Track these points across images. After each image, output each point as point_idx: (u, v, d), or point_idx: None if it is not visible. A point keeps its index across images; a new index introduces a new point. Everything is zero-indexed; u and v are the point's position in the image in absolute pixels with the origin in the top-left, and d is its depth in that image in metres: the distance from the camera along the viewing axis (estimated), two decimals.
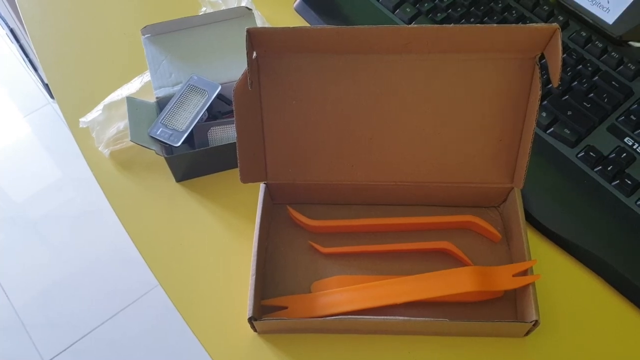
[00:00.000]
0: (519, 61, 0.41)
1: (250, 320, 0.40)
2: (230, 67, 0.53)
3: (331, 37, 0.41)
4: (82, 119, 0.53)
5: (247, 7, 0.55)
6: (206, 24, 0.55)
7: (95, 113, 0.52)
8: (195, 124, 0.50)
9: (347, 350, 0.42)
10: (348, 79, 0.43)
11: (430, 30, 0.40)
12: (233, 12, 0.55)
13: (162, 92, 0.52)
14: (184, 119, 0.50)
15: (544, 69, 0.49)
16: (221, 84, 0.52)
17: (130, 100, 0.50)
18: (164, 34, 0.54)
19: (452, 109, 0.43)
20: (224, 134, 0.51)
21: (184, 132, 0.49)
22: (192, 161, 0.50)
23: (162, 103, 0.52)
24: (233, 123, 0.51)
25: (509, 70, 0.42)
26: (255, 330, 0.43)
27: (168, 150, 0.51)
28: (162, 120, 0.50)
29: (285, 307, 0.43)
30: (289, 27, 0.39)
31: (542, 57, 0.40)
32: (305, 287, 0.45)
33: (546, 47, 0.39)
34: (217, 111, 0.53)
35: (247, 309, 0.40)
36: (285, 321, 0.41)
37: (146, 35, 0.54)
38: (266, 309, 0.43)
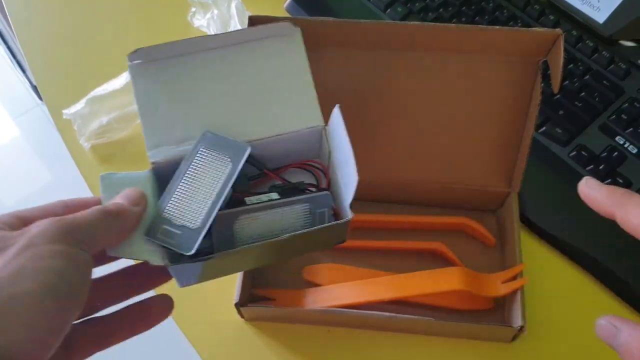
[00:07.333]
0: (521, 65, 0.41)
1: (236, 306, 0.40)
2: (266, 113, 0.34)
3: (333, 30, 0.40)
4: (65, 110, 0.52)
5: (291, 23, 0.37)
6: (228, 46, 0.35)
7: (78, 106, 0.52)
8: (216, 214, 0.31)
9: (334, 342, 0.42)
10: (348, 73, 0.43)
11: (432, 28, 0.40)
12: (269, 30, 0.36)
13: (160, 155, 0.33)
14: (198, 206, 0.31)
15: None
16: (250, 143, 0.33)
17: (105, 178, 0.30)
18: (164, 59, 0.34)
19: (452, 108, 0.43)
20: (257, 226, 0.32)
21: (199, 229, 0.30)
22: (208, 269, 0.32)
23: (160, 172, 0.32)
24: (272, 207, 0.32)
25: (510, 73, 0.41)
26: (242, 317, 0.43)
27: (174, 256, 0.31)
28: (164, 210, 0.31)
29: (273, 299, 0.43)
30: (289, 18, 0.39)
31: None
32: (296, 277, 0.45)
33: (549, 53, 0.39)
34: (246, 176, 0.34)
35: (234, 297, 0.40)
36: (272, 309, 0.41)
37: (135, 62, 0.34)
38: (255, 299, 0.43)
